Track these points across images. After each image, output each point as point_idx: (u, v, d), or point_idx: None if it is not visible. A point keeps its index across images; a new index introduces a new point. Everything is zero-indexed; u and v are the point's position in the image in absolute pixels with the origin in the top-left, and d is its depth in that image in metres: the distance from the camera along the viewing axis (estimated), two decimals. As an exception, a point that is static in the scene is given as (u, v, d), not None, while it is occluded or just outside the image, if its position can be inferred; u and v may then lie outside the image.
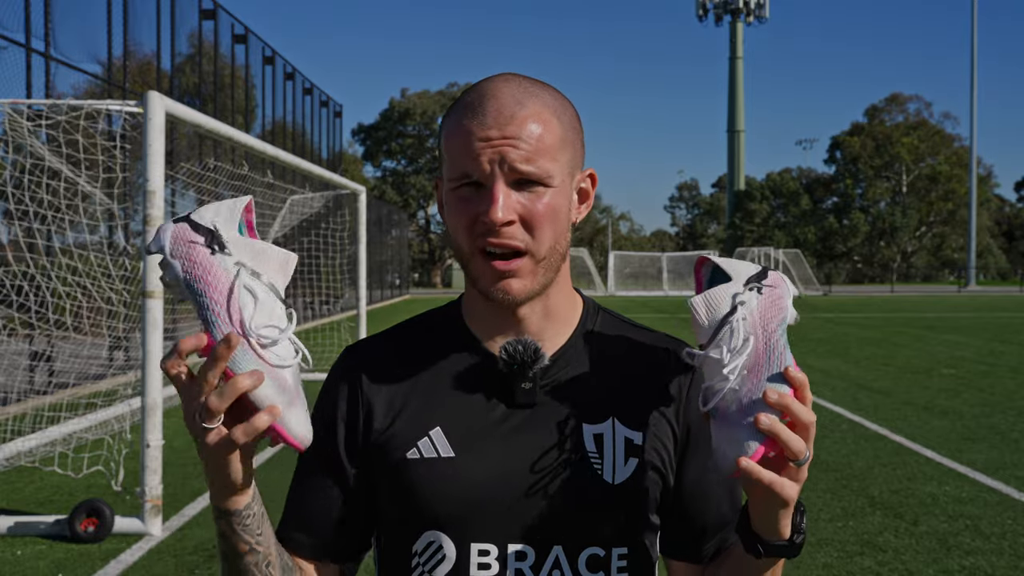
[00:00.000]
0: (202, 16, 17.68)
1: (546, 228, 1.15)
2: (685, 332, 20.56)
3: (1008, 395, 10.96)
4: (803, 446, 1.02)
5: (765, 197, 76.85)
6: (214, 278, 1.04)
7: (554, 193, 1.16)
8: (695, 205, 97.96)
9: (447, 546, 1.18)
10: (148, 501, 5.52)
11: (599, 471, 1.18)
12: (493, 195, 1.12)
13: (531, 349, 1.18)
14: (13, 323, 7.65)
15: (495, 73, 1.22)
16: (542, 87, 1.19)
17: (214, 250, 1.05)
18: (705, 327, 1.09)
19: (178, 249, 1.06)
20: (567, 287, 1.27)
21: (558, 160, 1.16)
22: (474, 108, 1.15)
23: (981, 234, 71.98)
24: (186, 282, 1.05)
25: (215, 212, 1.09)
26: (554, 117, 1.17)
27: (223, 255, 1.05)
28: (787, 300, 1.11)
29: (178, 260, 1.05)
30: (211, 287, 1.04)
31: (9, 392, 8.67)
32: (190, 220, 1.08)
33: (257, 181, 10.66)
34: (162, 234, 1.08)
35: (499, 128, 1.13)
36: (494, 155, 1.12)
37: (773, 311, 1.09)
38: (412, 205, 71.74)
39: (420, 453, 1.19)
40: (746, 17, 77.28)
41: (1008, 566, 4.93)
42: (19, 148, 6.66)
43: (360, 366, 1.28)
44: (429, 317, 1.33)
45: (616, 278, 50.84)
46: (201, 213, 1.09)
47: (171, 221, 1.10)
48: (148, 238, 1.20)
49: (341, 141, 34.08)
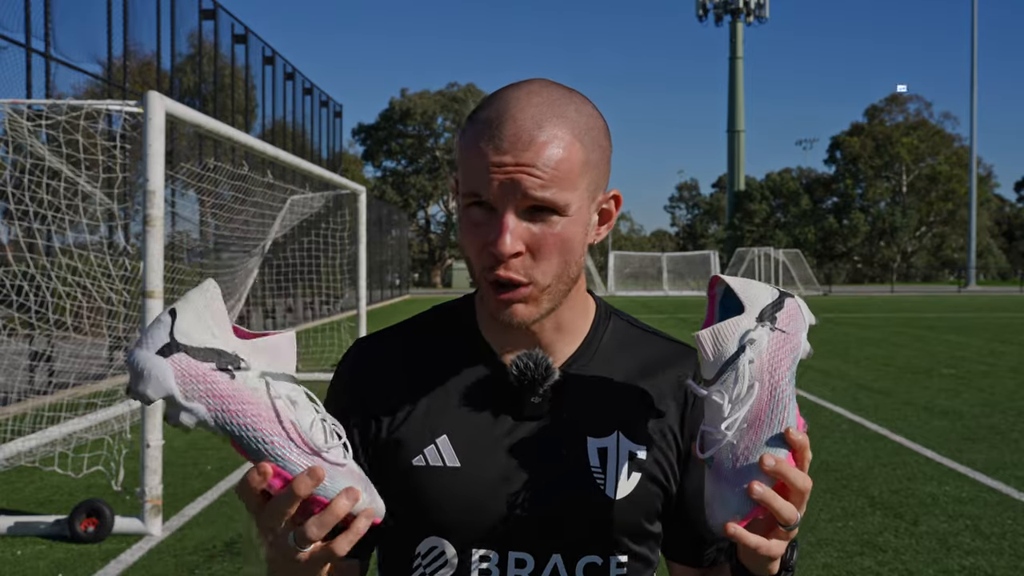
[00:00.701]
0: (202, 16, 17.69)
1: (553, 259, 1.12)
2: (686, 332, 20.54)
3: (1008, 395, 10.96)
4: (794, 513, 1.01)
5: (765, 197, 76.84)
6: (253, 407, 0.92)
7: (568, 223, 1.11)
8: (695, 205, 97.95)
9: (448, 551, 1.18)
10: (148, 501, 5.52)
11: (601, 486, 1.18)
12: (502, 225, 1.08)
13: (542, 366, 1.17)
14: (13, 323, 7.64)
15: (522, 79, 1.16)
16: (567, 101, 1.13)
17: (232, 373, 0.92)
18: (711, 363, 1.06)
19: (193, 389, 0.91)
20: (580, 298, 1.25)
21: (577, 187, 1.11)
22: (491, 128, 1.09)
23: (981, 234, 71.95)
24: (219, 422, 0.91)
25: (198, 323, 0.93)
26: (577, 140, 1.10)
27: (243, 373, 0.93)
28: (801, 335, 1.07)
29: (199, 402, 0.91)
30: (255, 417, 0.92)
31: (9, 392, 8.66)
32: (183, 347, 0.91)
33: (257, 181, 10.65)
34: (158, 376, 0.90)
35: (515, 154, 1.07)
36: (506, 181, 1.08)
37: (784, 352, 1.05)
38: (412, 205, 71.74)
39: (426, 460, 1.19)
40: (746, 17, 77.26)
41: (1008, 566, 4.93)
42: (19, 148, 6.66)
43: (371, 364, 1.27)
44: (441, 317, 1.31)
45: (616, 278, 50.85)
46: (184, 331, 0.92)
47: (151, 354, 0.90)
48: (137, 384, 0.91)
49: (341, 141, 34.11)
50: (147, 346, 0.91)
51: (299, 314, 22.02)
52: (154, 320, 0.93)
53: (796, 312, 1.08)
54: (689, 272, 53.32)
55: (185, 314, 0.93)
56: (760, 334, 1.04)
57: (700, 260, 54.20)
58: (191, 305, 0.94)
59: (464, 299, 1.31)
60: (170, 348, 0.91)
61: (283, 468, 0.93)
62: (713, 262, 51.65)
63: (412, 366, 1.25)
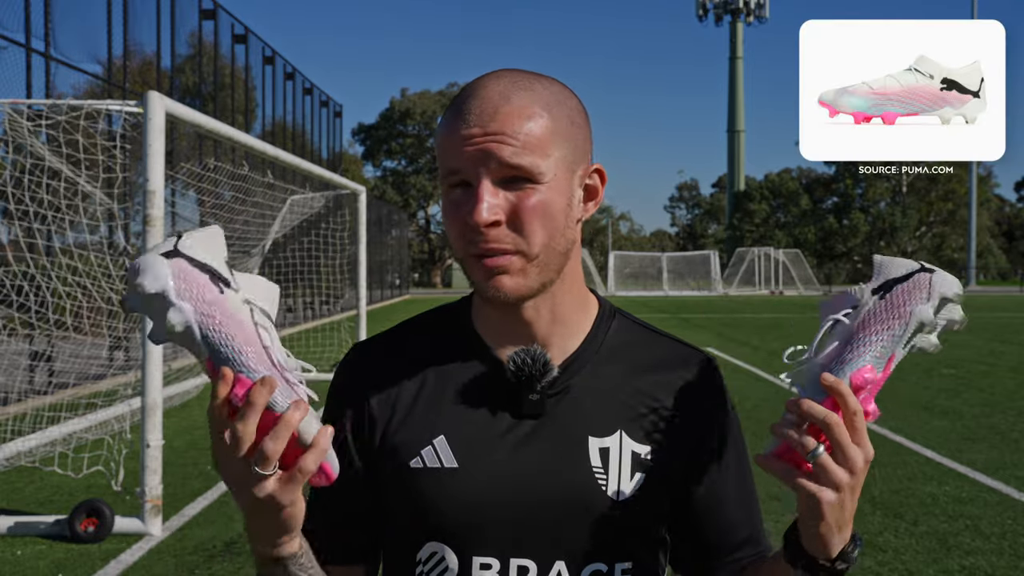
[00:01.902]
0: (202, 16, 17.69)
1: (536, 226, 1.10)
2: (687, 332, 20.57)
3: (1008, 395, 10.96)
4: (809, 441, 1.01)
5: (765, 197, 76.85)
6: (235, 322, 0.96)
7: (546, 189, 1.10)
8: (695, 205, 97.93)
9: (450, 558, 1.16)
10: (148, 501, 5.52)
11: (603, 487, 1.15)
12: (477, 195, 1.08)
13: (540, 361, 1.15)
14: (13, 323, 7.65)
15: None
16: (535, 80, 1.14)
17: (222, 288, 0.97)
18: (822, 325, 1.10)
19: (186, 290, 0.95)
20: (577, 289, 1.22)
21: (550, 155, 1.10)
22: (460, 107, 1.11)
23: (981, 234, 71.97)
24: (202, 327, 0.96)
25: (200, 243, 0.99)
26: (544, 111, 1.11)
27: (232, 291, 0.98)
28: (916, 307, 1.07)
29: (188, 302, 0.95)
30: (235, 331, 0.96)
31: (9, 392, 8.66)
32: (184, 255, 0.97)
33: (257, 181, 10.66)
34: (158, 271, 0.95)
35: (482, 125, 1.09)
36: (477, 153, 1.08)
37: (880, 319, 1.06)
38: (412, 205, 71.73)
39: (423, 462, 1.16)
40: (746, 17, 77.24)
41: (1008, 566, 4.93)
42: (19, 148, 6.66)
43: (367, 367, 1.25)
44: (438, 317, 1.29)
45: (616, 278, 50.85)
46: (187, 246, 0.98)
47: (155, 254, 0.97)
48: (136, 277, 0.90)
49: (341, 141, 34.12)
50: (152, 251, 0.98)
51: (299, 314, 22.01)
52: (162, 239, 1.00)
53: (915, 287, 1.08)
54: (689, 272, 53.32)
55: (191, 235, 0.99)
56: (865, 301, 1.07)
57: (700, 260, 54.18)
58: (197, 232, 1.00)
59: (462, 300, 1.29)
60: (172, 254, 0.97)
61: (249, 379, 0.96)
62: (713, 262, 51.65)
63: (407, 367, 1.23)
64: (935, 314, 1.08)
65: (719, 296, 46.35)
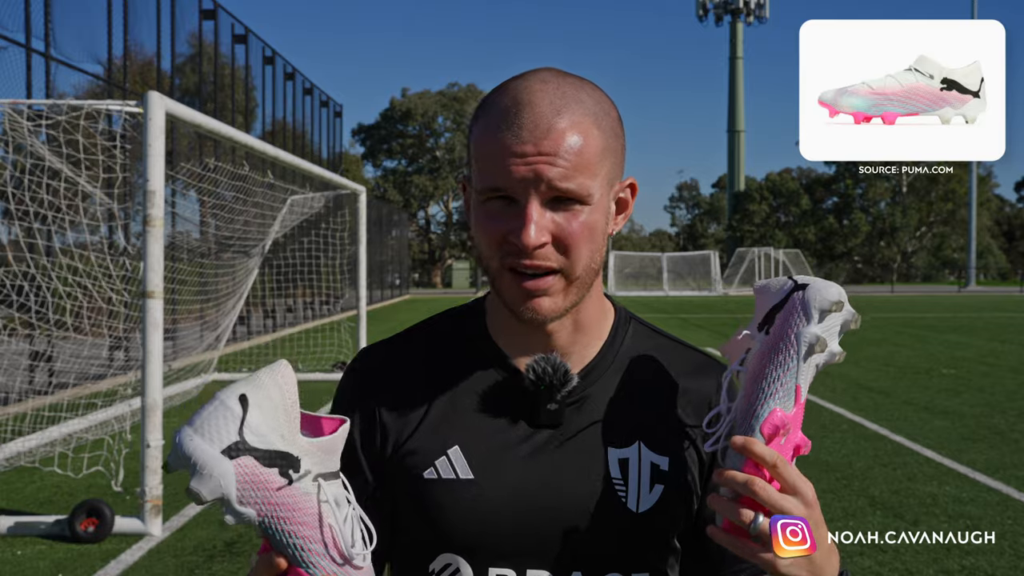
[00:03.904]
0: (202, 16, 17.69)
1: (582, 248, 1.08)
2: (687, 333, 20.57)
3: (1008, 395, 10.96)
4: (746, 514, 1.00)
5: (765, 197, 76.86)
6: (301, 513, 0.88)
7: (591, 211, 1.08)
8: (695, 205, 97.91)
9: (464, 569, 1.13)
10: (148, 501, 5.52)
11: (623, 498, 1.14)
12: (526, 215, 1.05)
13: (560, 370, 1.12)
14: (13, 323, 7.65)
15: (530, 69, 1.13)
16: (580, 87, 1.10)
17: (291, 479, 0.87)
18: None
19: (251, 495, 0.86)
20: (598, 297, 1.20)
21: (598, 175, 1.08)
22: (508, 116, 1.06)
23: (981, 234, 71.94)
24: (264, 525, 0.88)
25: (270, 420, 0.85)
26: (595, 126, 1.08)
27: (301, 478, 0.88)
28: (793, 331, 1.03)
29: (252, 507, 0.86)
30: (300, 525, 0.88)
31: (9, 392, 8.66)
32: (251, 451, 0.84)
33: (257, 181, 10.66)
34: (220, 479, 0.84)
35: (535, 143, 1.04)
36: (528, 172, 1.04)
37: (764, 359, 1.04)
38: (413, 205, 71.72)
39: (437, 473, 1.13)
40: (746, 17, 77.23)
41: (1008, 566, 4.93)
42: (19, 148, 6.66)
43: (377, 374, 1.21)
44: (449, 322, 1.26)
45: (616, 278, 50.85)
46: (254, 429, 0.84)
47: (217, 453, 0.83)
48: (192, 477, 0.87)
49: (341, 141, 34.11)
50: (211, 438, 0.84)
51: (299, 314, 22.01)
52: (219, 403, 0.85)
53: (792, 311, 1.05)
54: (689, 272, 53.31)
55: (257, 407, 0.85)
56: (755, 340, 1.07)
57: (700, 260, 54.17)
58: (263, 394, 0.86)
59: (474, 303, 1.26)
60: (237, 449, 0.84)
61: (307, 573, 0.91)
62: (713, 262, 51.64)
63: (420, 373, 1.19)
64: (821, 330, 1.03)
65: (719, 296, 46.35)
